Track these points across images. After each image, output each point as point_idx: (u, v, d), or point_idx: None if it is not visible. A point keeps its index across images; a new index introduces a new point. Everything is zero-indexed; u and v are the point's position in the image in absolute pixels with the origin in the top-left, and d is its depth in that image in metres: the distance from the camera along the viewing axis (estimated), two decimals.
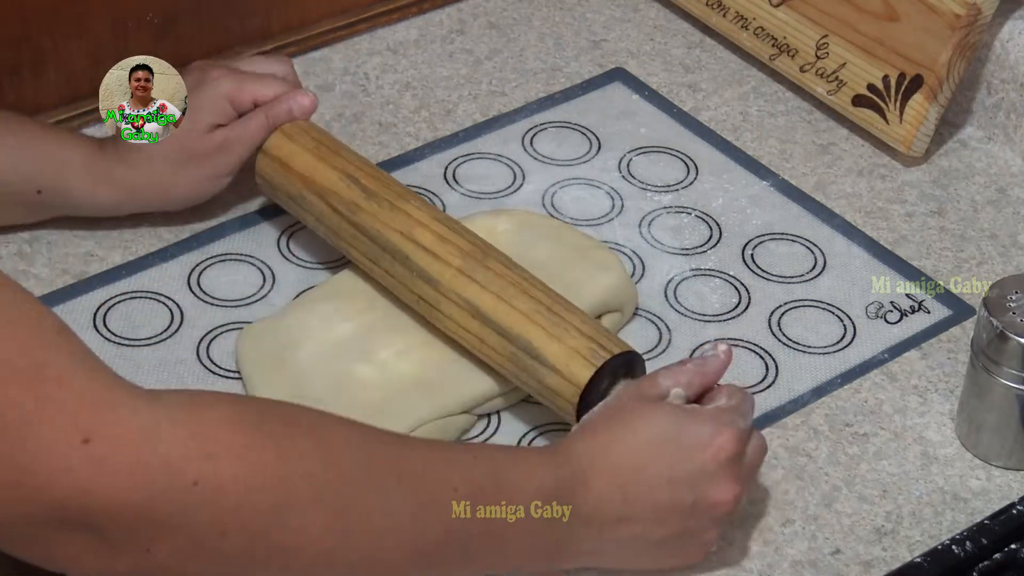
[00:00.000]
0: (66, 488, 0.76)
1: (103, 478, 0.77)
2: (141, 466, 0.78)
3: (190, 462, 0.79)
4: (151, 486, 0.78)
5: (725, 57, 1.41)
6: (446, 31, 1.42)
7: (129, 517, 0.78)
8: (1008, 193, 1.30)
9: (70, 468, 0.76)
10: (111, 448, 0.77)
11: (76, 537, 0.78)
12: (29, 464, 0.76)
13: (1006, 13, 1.31)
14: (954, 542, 1.03)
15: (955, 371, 1.15)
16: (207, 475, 0.79)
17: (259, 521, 0.81)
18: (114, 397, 0.78)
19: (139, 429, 0.78)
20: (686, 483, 0.96)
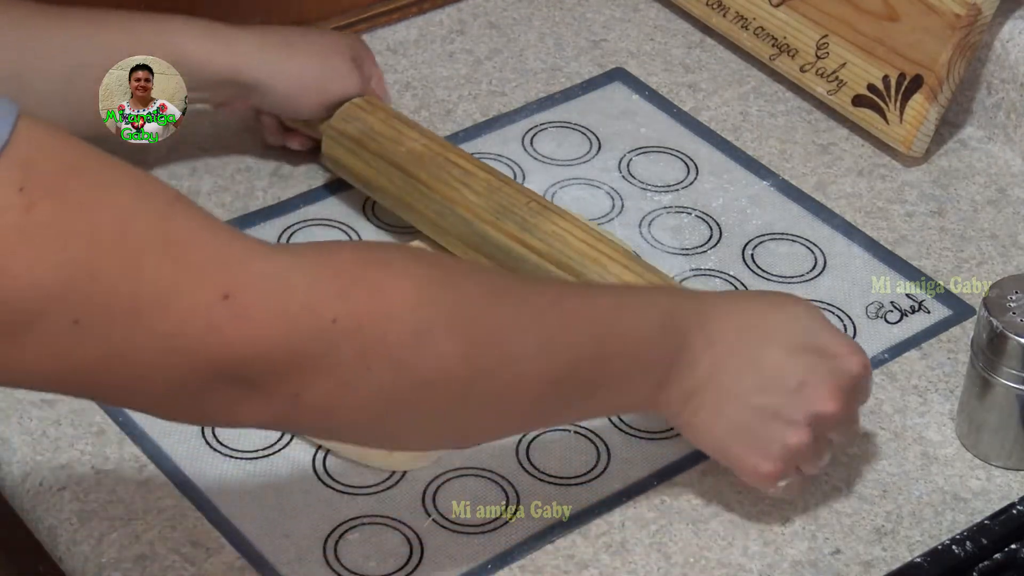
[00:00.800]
0: (215, 345, 0.78)
1: (248, 330, 0.79)
2: (281, 312, 0.79)
3: (327, 301, 0.81)
4: (294, 329, 0.80)
5: (725, 57, 1.41)
6: (446, 31, 1.42)
7: (277, 363, 0.80)
8: (1008, 193, 1.30)
9: (216, 326, 0.78)
10: (251, 299, 0.79)
11: (229, 391, 0.80)
12: (176, 329, 0.77)
13: (1006, 13, 1.31)
14: (954, 542, 1.03)
15: (955, 371, 1.15)
16: (344, 311, 0.81)
17: (399, 350, 0.83)
18: (245, 252, 0.80)
19: (274, 278, 0.80)
20: (802, 365, 0.98)
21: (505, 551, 1.03)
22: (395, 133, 1.20)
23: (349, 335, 0.82)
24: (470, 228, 1.15)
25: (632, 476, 1.07)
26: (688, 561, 1.03)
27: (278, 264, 0.81)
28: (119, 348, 0.77)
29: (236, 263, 0.79)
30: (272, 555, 1.01)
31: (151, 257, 0.77)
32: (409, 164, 1.18)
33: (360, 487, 1.06)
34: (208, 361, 0.79)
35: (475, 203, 1.15)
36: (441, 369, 0.85)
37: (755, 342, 0.99)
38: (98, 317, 0.75)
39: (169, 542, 1.01)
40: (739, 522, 1.05)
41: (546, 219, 1.13)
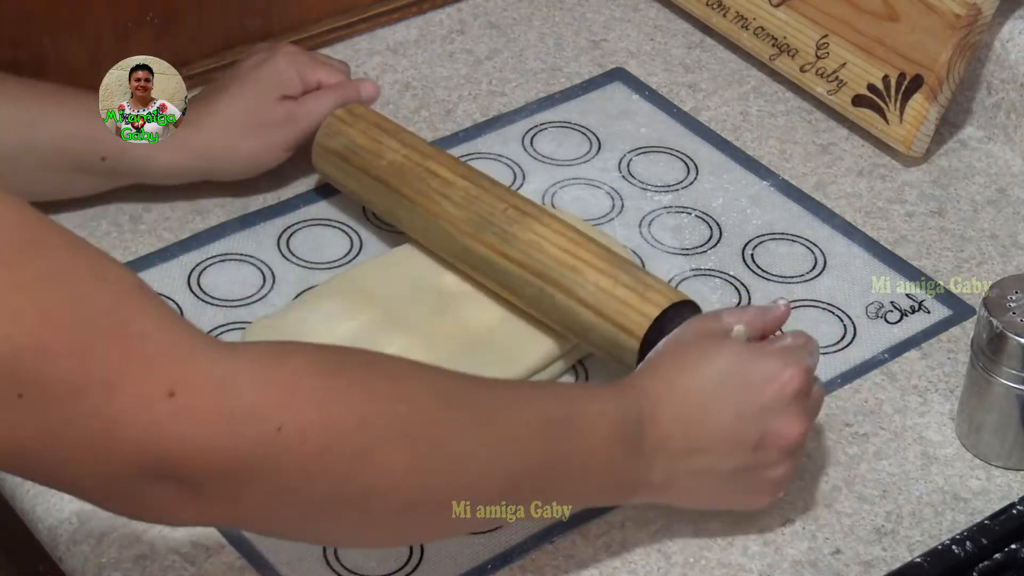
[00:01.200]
0: (154, 441, 0.78)
1: (190, 429, 0.78)
2: (226, 415, 0.79)
3: (273, 408, 0.80)
4: (237, 434, 0.79)
5: (725, 57, 1.41)
6: (446, 31, 1.42)
7: (217, 465, 0.79)
8: (1008, 193, 1.30)
9: (157, 421, 0.77)
10: (196, 399, 0.78)
11: (166, 489, 0.79)
12: (117, 419, 0.77)
13: (1006, 13, 1.31)
14: (954, 542, 1.03)
15: (955, 371, 1.15)
16: (291, 420, 0.81)
17: (344, 464, 0.83)
18: (196, 350, 0.80)
19: (222, 379, 0.79)
20: (753, 418, 0.98)
21: (505, 551, 1.03)
22: (376, 146, 1.19)
23: (291, 445, 0.81)
24: (453, 241, 1.15)
25: None
26: (688, 561, 1.03)
27: (227, 366, 0.80)
28: (59, 430, 0.76)
29: (188, 360, 0.79)
30: (272, 555, 1.01)
31: (101, 342, 0.76)
32: (391, 178, 1.18)
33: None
34: (147, 455, 0.78)
35: (455, 215, 1.15)
36: (386, 481, 0.85)
37: (702, 422, 0.98)
38: (42, 394, 0.75)
39: (169, 542, 1.01)
40: (739, 522, 1.05)
41: (524, 227, 1.12)
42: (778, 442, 0.99)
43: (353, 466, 0.83)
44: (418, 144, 1.20)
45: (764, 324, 1.04)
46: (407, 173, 1.18)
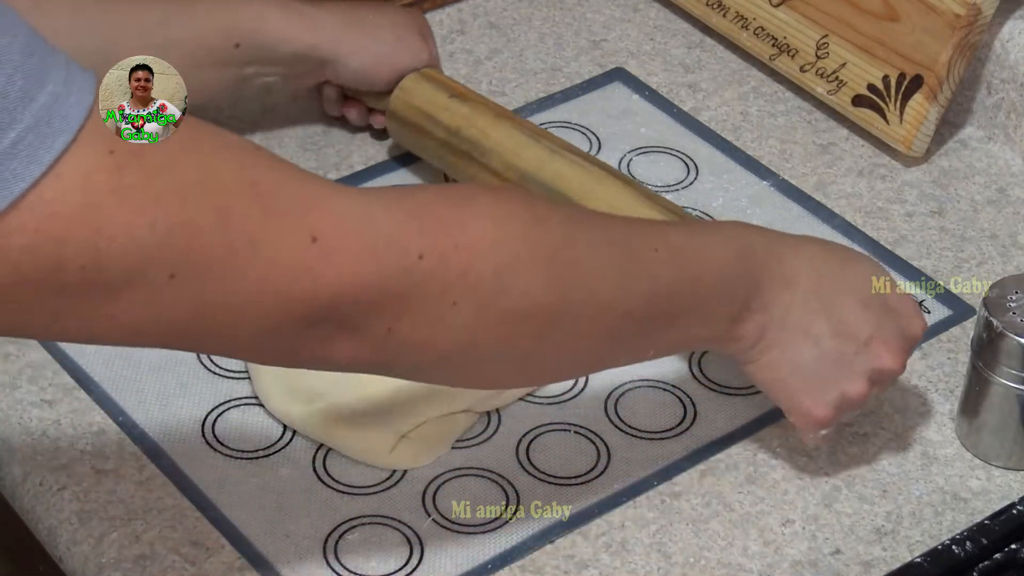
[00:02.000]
0: (306, 287, 0.80)
1: (338, 269, 0.80)
2: (368, 250, 0.81)
3: (411, 238, 0.83)
4: (381, 267, 0.82)
5: (725, 57, 1.41)
6: (446, 31, 1.42)
7: (368, 301, 0.82)
8: (1008, 193, 1.30)
9: (305, 268, 0.79)
10: (338, 240, 0.80)
11: (323, 331, 0.82)
12: (268, 273, 0.79)
13: (1006, 13, 1.31)
14: (954, 542, 1.03)
15: (955, 371, 1.15)
16: (429, 247, 0.83)
17: (484, 285, 0.85)
18: (329, 195, 0.82)
19: (359, 217, 0.82)
20: (872, 321, 1.00)
21: (505, 551, 1.03)
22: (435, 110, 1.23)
23: (434, 272, 0.83)
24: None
25: (632, 476, 1.07)
26: (688, 561, 1.03)
27: (361, 204, 0.83)
28: (214, 297, 0.78)
29: (320, 205, 0.81)
30: (272, 555, 1.01)
31: (239, 206, 0.78)
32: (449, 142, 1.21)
33: (360, 487, 1.06)
34: (300, 303, 0.80)
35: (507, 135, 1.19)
36: (524, 302, 0.87)
37: (831, 288, 1.00)
38: (193, 269, 0.77)
39: (169, 542, 1.01)
40: (739, 522, 1.05)
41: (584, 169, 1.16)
42: (876, 358, 1.01)
43: (494, 286, 0.85)
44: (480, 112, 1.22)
45: None
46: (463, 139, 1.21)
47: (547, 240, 0.89)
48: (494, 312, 0.86)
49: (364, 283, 0.81)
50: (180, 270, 0.77)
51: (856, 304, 1.01)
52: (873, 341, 1.01)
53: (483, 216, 0.86)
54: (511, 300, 0.86)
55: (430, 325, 0.84)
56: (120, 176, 0.75)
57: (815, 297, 1.00)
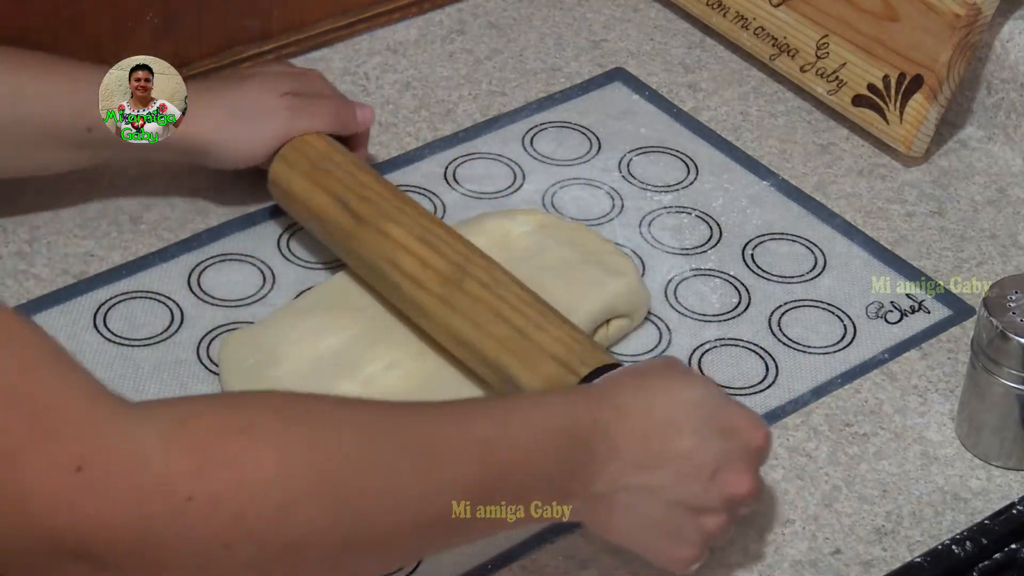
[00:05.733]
0: (62, 518, 0.75)
1: (98, 505, 0.75)
2: (134, 489, 0.76)
3: (182, 479, 0.76)
4: (147, 508, 0.76)
5: (725, 57, 1.41)
6: (446, 31, 1.42)
7: (129, 543, 0.76)
8: (1008, 193, 1.30)
9: (65, 497, 0.74)
10: (104, 474, 0.75)
11: (77, 568, 0.76)
12: (22, 494, 0.74)
13: (1006, 13, 1.31)
14: (954, 542, 1.03)
15: (955, 371, 1.15)
16: (201, 489, 0.77)
17: (263, 525, 0.79)
18: (104, 420, 0.77)
19: (130, 451, 0.76)
20: (713, 452, 0.95)
21: (506, 551, 1.02)
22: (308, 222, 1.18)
23: (206, 514, 0.77)
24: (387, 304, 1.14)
25: None
26: None
27: (135, 435, 0.77)
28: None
29: (94, 432, 0.76)
30: None
31: (8, 413, 0.74)
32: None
33: None
34: (53, 532, 0.75)
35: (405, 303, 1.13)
36: (310, 534, 0.81)
37: (661, 436, 0.95)
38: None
39: None
40: (739, 522, 1.04)
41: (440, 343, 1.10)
42: (727, 488, 0.95)
43: (274, 525, 0.79)
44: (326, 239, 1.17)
45: None
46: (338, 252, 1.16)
47: (335, 468, 0.81)
48: (274, 549, 0.79)
49: (126, 525, 0.75)
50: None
51: (691, 441, 0.95)
52: (719, 473, 0.95)
53: (264, 449, 0.79)
54: (294, 534, 0.80)
55: (202, 569, 0.78)
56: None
57: (645, 453, 0.94)
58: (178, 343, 1.14)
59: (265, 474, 0.79)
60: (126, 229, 1.22)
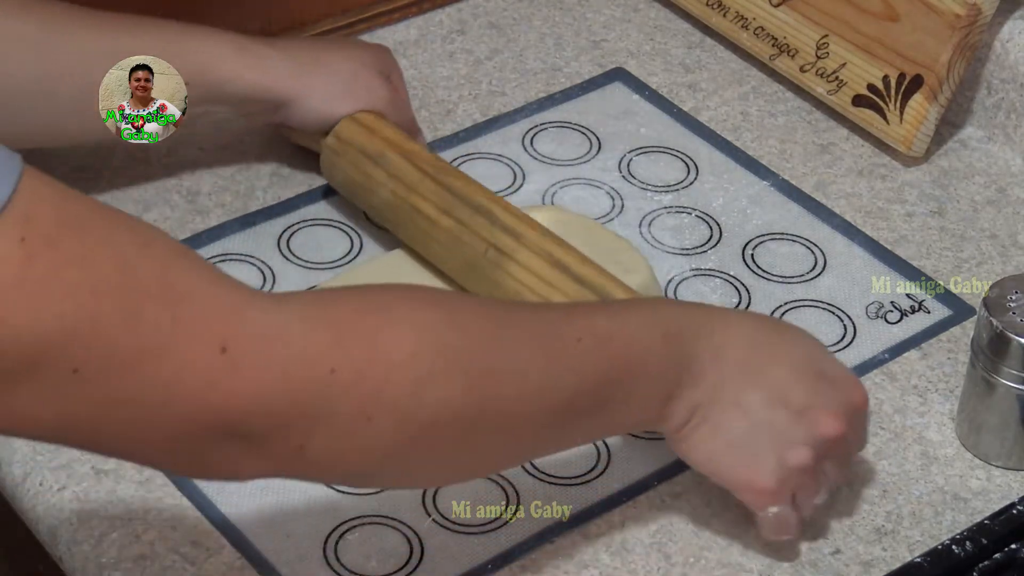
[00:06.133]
0: (213, 398, 0.78)
1: (246, 382, 0.78)
2: (279, 364, 0.79)
3: (324, 352, 0.80)
4: (292, 381, 0.79)
5: (725, 57, 1.41)
6: (446, 31, 1.42)
7: (277, 416, 0.79)
8: (1008, 193, 1.30)
9: (213, 379, 0.77)
10: (248, 352, 0.78)
11: (230, 445, 0.80)
12: (173, 381, 0.77)
13: (1006, 13, 1.31)
14: (954, 542, 1.03)
15: (955, 371, 1.15)
16: (343, 362, 0.81)
17: (401, 400, 0.83)
18: (243, 304, 0.80)
19: (272, 329, 0.79)
20: (808, 388, 0.98)
21: (505, 551, 1.03)
22: (366, 180, 1.19)
23: (348, 386, 0.81)
24: (449, 280, 1.15)
25: (632, 476, 1.07)
26: (688, 561, 1.03)
27: (276, 315, 0.80)
28: (118, 398, 0.76)
29: (234, 315, 0.79)
30: (272, 555, 1.01)
31: (151, 308, 0.76)
32: (386, 218, 1.19)
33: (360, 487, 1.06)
34: (207, 413, 0.78)
35: (446, 259, 1.15)
36: (444, 412, 0.85)
37: (763, 359, 0.98)
38: (98, 366, 0.75)
39: (169, 542, 1.01)
40: (739, 522, 1.05)
41: (504, 272, 1.11)
42: (813, 425, 0.98)
43: (412, 400, 0.83)
44: (403, 168, 1.18)
45: None
46: (397, 212, 1.17)
47: (466, 348, 0.86)
48: (412, 424, 0.84)
49: (272, 399, 0.79)
50: (84, 367, 0.75)
51: (789, 373, 0.98)
52: (809, 409, 0.98)
53: (400, 327, 0.84)
54: (430, 411, 0.84)
55: (344, 441, 0.82)
56: (29, 266, 0.73)
57: (746, 369, 0.97)
58: None
59: (401, 351, 0.83)
60: None
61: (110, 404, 0.77)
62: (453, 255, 1.14)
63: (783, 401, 0.98)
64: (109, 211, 0.78)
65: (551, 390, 0.90)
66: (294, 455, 0.81)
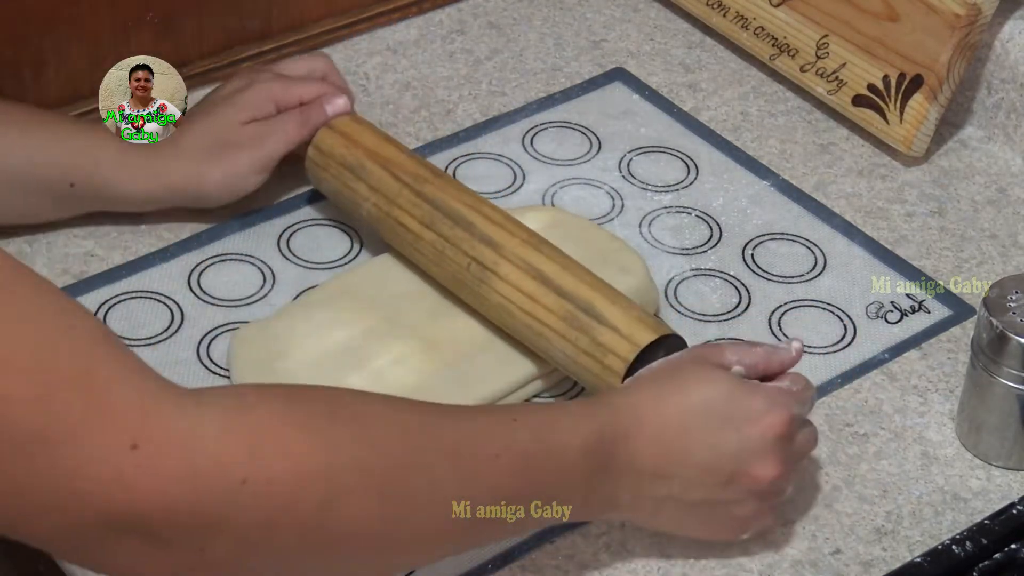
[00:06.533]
0: (117, 494, 0.77)
1: (153, 483, 0.77)
2: (190, 468, 0.78)
3: (238, 461, 0.79)
4: (201, 487, 0.78)
5: (725, 57, 1.41)
6: (446, 31, 1.42)
7: (181, 519, 0.78)
8: (1008, 193, 1.30)
9: (120, 474, 0.76)
10: (159, 452, 0.77)
11: (130, 542, 0.78)
12: (79, 472, 0.76)
13: (1006, 13, 1.31)
14: (954, 542, 1.03)
15: (955, 371, 1.15)
16: (255, 473, 0.80)
17: (309, 514, 0.82)
18: (160, 401, 0.79)
19: (186, 432, 0.78)
20: (728, 453, 0.98)
21: (505, 551, 1.02)
22: (350, 193, 1.18)
23: (256, 498, 0.80)
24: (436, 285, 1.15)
25: None
26: (688, 561, 1.03)
27: (193, 418, 0.79)
28: (20, 479, 0.75)
29: (152, 412, 0.78)
30: None
31: (64, 392, 0.75)
32: (374, 227, 1.18)
33: None
34: (110, 508, 0.77)
35: (431, 270, 1.14)
36: (354, 528, 0.84)
37: (676, 448, 0.97)
38: (2, 443, 0.74)
39: None
40: None
41: (489, 287, 1.10)
42: (749, 482, 0.98)
43: (319, 516, 0.82)
44: (383, 180, 1.17)
45: (768, 366, 1.02)
46: (382, 226, 1.17)
47: (380, 465, 0.85)
48: (319, 539, 0.83)
49: (179, 502, 0.78)
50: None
51: (705, 450, 0.97)
52: (736, 472, 0.98)
53: (318, 443, 0.83)
54: (339, 527, 0.83)
55: (247, 548, 0.81)
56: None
57: (662, 464, 0.97)
58: (178, 343, 1.14)
59: (315, 466, 0.82)
60: (126, 229, 1.22)
61: (14, 484, 0.76)
62: (439, 269, 1.14)
63: (707, 479, 0.98)
64: (38, 285, 0.77)
65: (464, 507, 0.89)
66: (194, 557, 0.80)
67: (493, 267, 1.10)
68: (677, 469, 0.97)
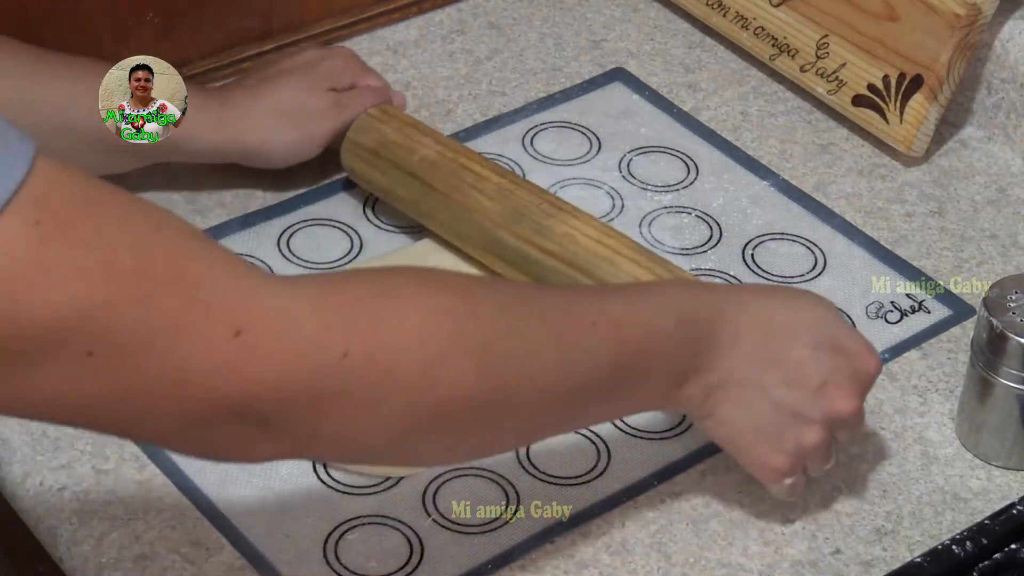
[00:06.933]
0: (225, 382, 0.78)
1: (260, 365, 0.79)
2: (292, 347, 0.80)
3: (336, 335, 0.81)
4: (304, 366, 0.80)
5: (725, 57, 1.41)
6: (446, 31, 1.42)
7: (290, 400, 0.80)
8: (1008, 193, 1.30)
9: (225, 362, 0.78)
10: (261, 336, 0.79)
11: (241, 427, 0.80)
12: (187, 365, 0.77)
13: (1006, 13, 1.31)
14: (954, 542, 1.03)
15: (955, 371, 1.15)
16: (355, 345, 0.81)
17: (413, 382, 0.83)
18: (255, 287, 0.80)
19: (284, 313, 0.80)
20: (825, 367, 0.99)
21: (505, 551, 1.03)
22: (408, 141, 1.20)
23: (360, 369, 0.81)
24: (486, 234, 1.15)
25: (632, 476, 1.07)
26: (688, 561, 1.03)
27: (288, 299, 0.81)
28: (131, 381, 0.77)
29: (246, 299, 0.79)
30: (272, 555, 1.01)
31: (164, 291, 0.77)
32: (423, 172, 1.19)
33: (360, 487, 1.06)
34: (220, 396, 0.79)
35: (489, 208, 1.15)
36: (457, 394, 0.85)
37: (779, 339, 0.99)
38: (111, 349, 0.76)
39: (169, 542, 1.01)
40: (739, 522, 1.05)
41: (558, 220, 1.14)
42: (829, 404, 0.99)
43: (422, 384, 0.83)
44: (451, 142, 1.21)
45: None
46: (440, 168, 1.18)
47: (478, 331, 0.86)
48: (424, 406, 0.84)
49: (285, 382, 0.80)
50: (98, 349, 0.75)
51: (806, 351, 0.99)
52: (826, 386, 0.99)
53: (412, 310, 0.84)
54: (442, 393, 0.84)
55: (356, 423, 0.83)
56: (43, 249, 0.73)
57: (763, 350, 0.99)
58: None
59: (410, 334, 0.83)
60: None
61: (124, 387, 0.77)
62: (502, 206, 1.15)
63: (800, 380, 0.99)
64: (122, 194, 0.78)
65: (564, 373, 0.91)
66: (307, 436, 0.82)
67: (568, 210, 1.14)
68: (778, 357, 0.98)
